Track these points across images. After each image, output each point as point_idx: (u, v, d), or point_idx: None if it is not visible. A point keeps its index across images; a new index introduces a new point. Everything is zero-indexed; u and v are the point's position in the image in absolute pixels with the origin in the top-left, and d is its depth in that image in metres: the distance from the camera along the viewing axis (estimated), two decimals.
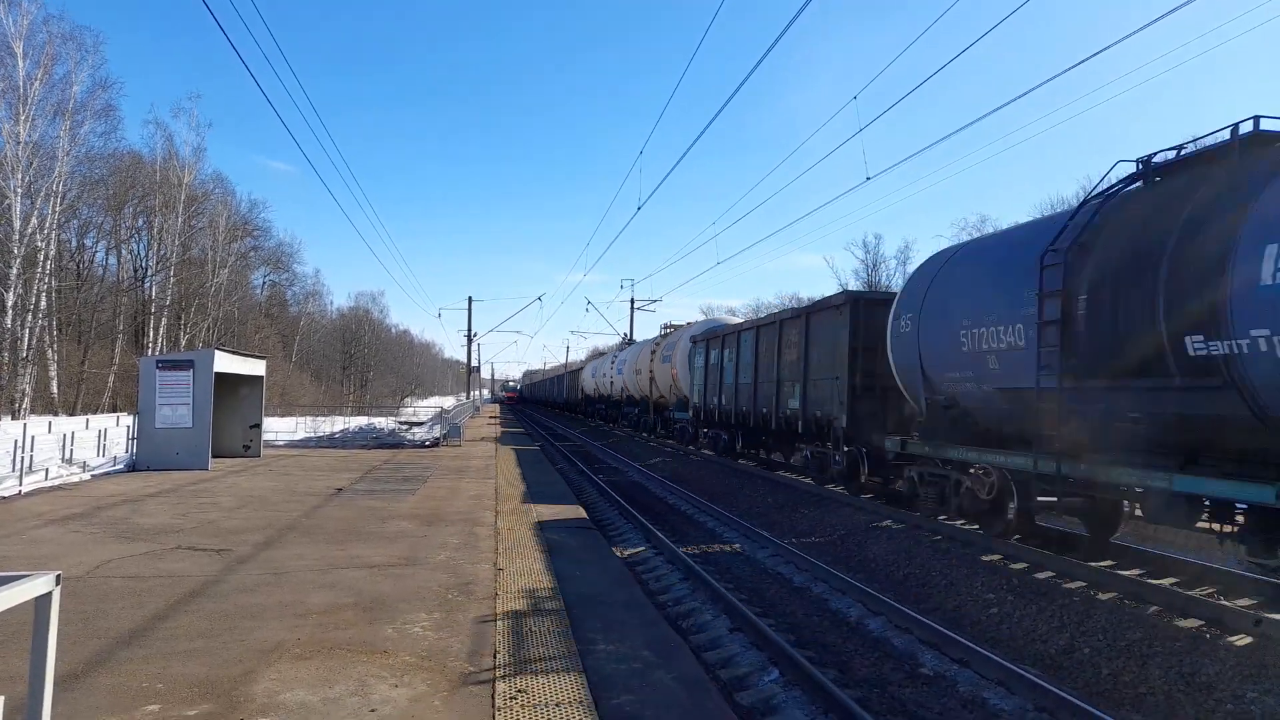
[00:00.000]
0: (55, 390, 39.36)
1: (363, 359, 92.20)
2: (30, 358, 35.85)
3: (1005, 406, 9.82)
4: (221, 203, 54.99)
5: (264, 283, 71.05)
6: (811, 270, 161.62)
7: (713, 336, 23.00)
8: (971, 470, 10.31)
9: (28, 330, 35.64)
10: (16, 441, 14.06)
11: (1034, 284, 8.86)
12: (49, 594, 2.71)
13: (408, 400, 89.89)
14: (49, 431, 21.93)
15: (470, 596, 6.71)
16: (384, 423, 30.47)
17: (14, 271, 34.34)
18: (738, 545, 11.65)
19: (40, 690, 2.71)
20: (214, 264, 52.38)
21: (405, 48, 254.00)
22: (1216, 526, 7.43)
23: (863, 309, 14.19)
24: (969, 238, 13.34)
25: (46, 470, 14.50)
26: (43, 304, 36.89)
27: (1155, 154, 8.24)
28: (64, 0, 60.35)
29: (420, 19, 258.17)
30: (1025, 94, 31.72)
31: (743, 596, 8.59)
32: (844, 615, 8.15)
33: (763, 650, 6.80)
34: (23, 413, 33.98)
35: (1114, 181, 8.62)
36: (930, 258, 12.37)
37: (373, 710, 4.30)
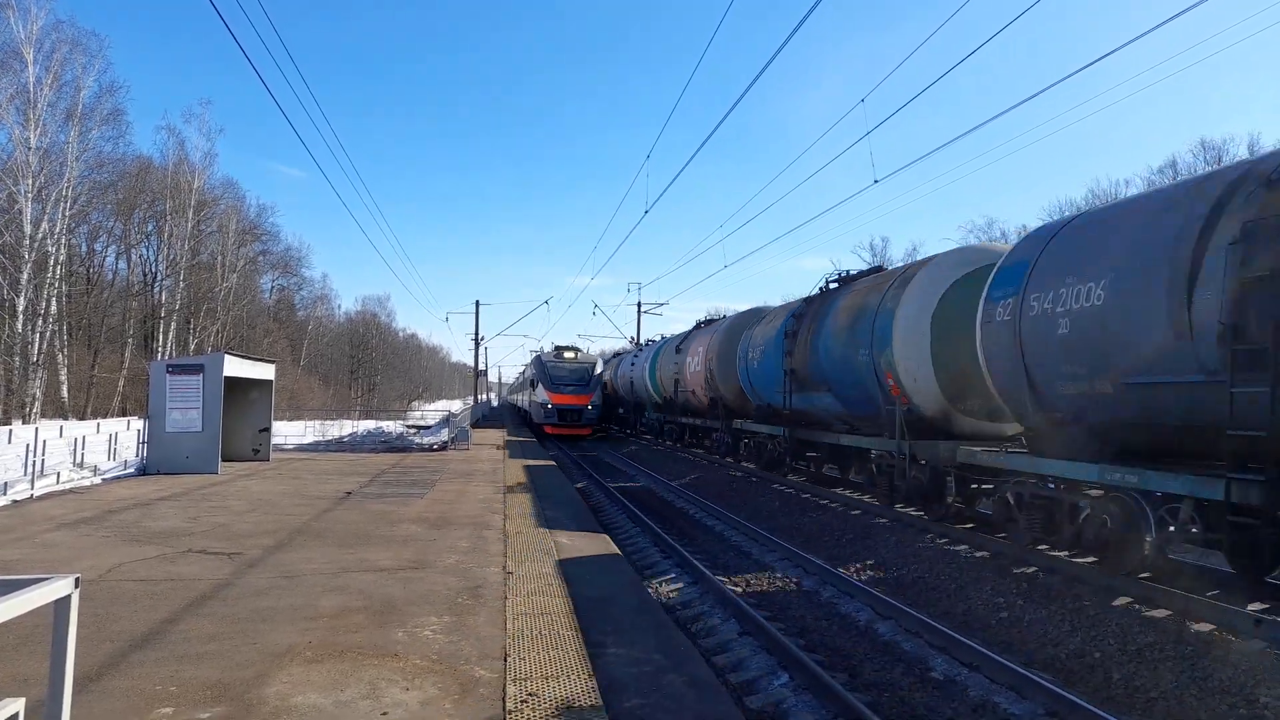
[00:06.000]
0: (65, 394, 39.54)
1: (370, 363, 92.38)
2: (41, 362, 36.06)
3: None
4: (231, 208, 55.31)
5: (273, 287, 71.44)
6: (818, 273, 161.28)
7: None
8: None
9: (38, 335, 35.85)
10: (28, 445, 14.16)
11: None
12: (68, 596, 2.73)
13: (415, 404, 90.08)
14: (60, 435, 22.07)
15: (480, 600, 6.73)
16: (392, 426, 30.60)
17: (24, 276, 34.57)
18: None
19: (60, 692, 2.73)
20: (223, 268, 52.63)
21: (412, 51, 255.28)
22: None
23: None
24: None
25: (58, 474, 14.58)
26: (53, 309, 37.10)
27: None
28: (74, 4, 60.55)
29: (426, 22, 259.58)
30: (1033, 96, 31.65)
31: (752, 601, 8.59)
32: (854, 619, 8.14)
33: (772, 654, 6.81)
34: (33, 417, 34.16)
35: None
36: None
37: (384, 714, 4.31)
